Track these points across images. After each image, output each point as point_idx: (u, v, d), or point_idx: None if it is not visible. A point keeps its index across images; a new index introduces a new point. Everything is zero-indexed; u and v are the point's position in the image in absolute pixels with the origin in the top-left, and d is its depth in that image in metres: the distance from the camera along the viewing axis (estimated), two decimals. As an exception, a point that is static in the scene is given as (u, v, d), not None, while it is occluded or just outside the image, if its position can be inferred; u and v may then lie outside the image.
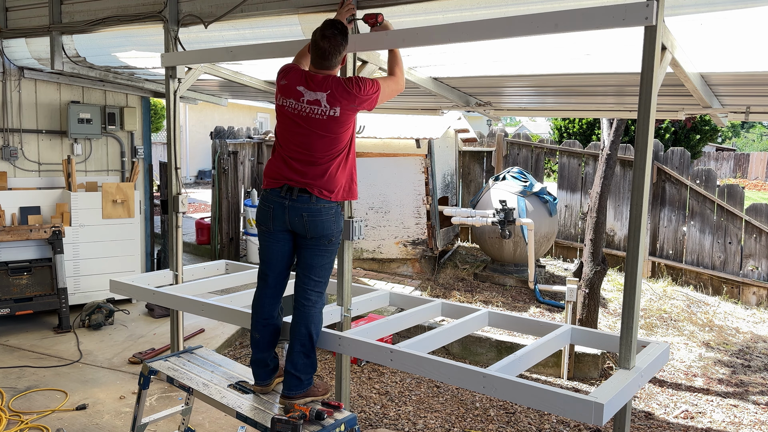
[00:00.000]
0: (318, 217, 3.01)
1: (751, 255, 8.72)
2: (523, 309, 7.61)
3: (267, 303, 3.16)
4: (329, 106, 2.95)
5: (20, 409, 4.44)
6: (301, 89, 2.99)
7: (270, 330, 3.17)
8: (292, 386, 3.02)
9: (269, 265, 3.16)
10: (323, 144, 2.99)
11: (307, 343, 3.06)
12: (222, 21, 4.24)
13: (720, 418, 5.22)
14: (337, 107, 2.95)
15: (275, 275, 3.15)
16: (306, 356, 3.06)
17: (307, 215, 3.00)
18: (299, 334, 3.06)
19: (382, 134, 8.42)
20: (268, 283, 3.16)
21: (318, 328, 3.13)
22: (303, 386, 3.04)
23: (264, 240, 3.16)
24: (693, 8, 2.76)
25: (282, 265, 3.15)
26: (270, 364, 3.18)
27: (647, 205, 2.72)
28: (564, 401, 2.44)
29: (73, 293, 6.56)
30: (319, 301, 3.13)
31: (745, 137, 47.49)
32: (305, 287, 3.09)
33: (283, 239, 3.11)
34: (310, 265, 3.08)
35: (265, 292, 3.17)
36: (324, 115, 2.96)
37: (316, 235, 3.03)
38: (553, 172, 13.69)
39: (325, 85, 2.97)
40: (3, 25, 5.97)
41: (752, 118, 5.64)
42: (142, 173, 7.55)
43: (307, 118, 2.98)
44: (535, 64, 4.28)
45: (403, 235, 8.32)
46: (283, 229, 3.08)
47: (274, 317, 3.18)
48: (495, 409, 4.98)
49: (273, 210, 3.06)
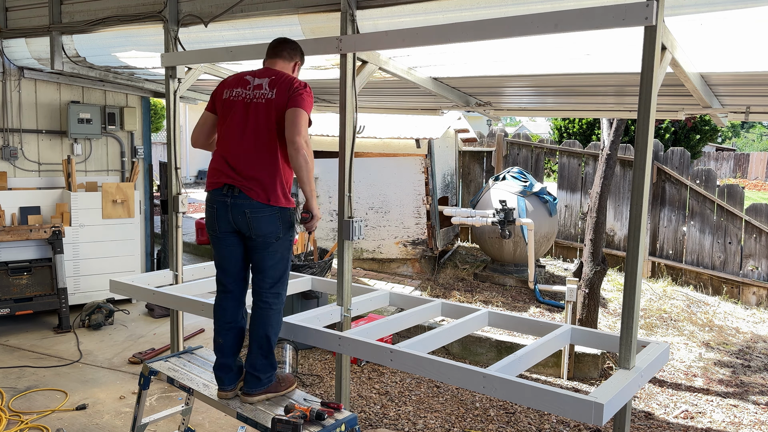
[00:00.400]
0: (261, 214, 2.95)
1: (751, 255, 8.72)
2: (523, 309, 7.61)
3: (227, 307, 3.13)
4: (269, 89, 3.01)
5: (20, 409, 4.44)
6: (248, 78, 3.09)
7: (233, 334, 3.13)
8: (252, 385, 3.05)
9: (224, 271, 3.13)
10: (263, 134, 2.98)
11: (265, 345, 3.06)
12: (222, 21, 4.25)
13: (720, 418, 5.22)
14: (274, 89, 3.00)
15: (232, 280, 3.13)
16: (264, 357, 3.06)
17: (250, 212, 2.95)
18: (257, 336, 3.05)
19: (382, 134, 8.42)
20: (226, 288, 3.14)
21: (276, 330, 3.10)
22: (262, 384, 3.07)
23: (214, 245, 3.13)
24: (693, 8, 2.77)
25: (236, 268, 3.11)
26: (234, 369, 3.12)
27: (647, 205, 2.72)
28: (564, 401, 2.44)
29: (73, 293, 6.56)
30: (276, 303, 3.08)
31: (745, 137, 47.49)
32: (260, 290, 3.06)
33: (232, 242, 3.06)
34: (260, 268, 3.04)
35: (223, 296, 3.14)
36: (263, 98, 3.00)
37: (260, 233, 2.97)
38: (553, 172, 13.69)
39: (269, 72, 3.09)
40: (3, 25, 5.97)
41: (752, 118, 5.65)
42: (142, 173, 7.55)
43: (251, 104, 3.01)
44: (535, 64, 4.28)
45: (403, 235, 8.32)
46: (230, 230, 3.04)
47: (237, 320, 3.14)
48: (495, 409, 4.98)
49: (217, 210, 3.03)
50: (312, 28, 3.90)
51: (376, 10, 3.52)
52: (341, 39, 3.46)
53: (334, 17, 3.66)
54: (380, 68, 3.92)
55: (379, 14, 3.54)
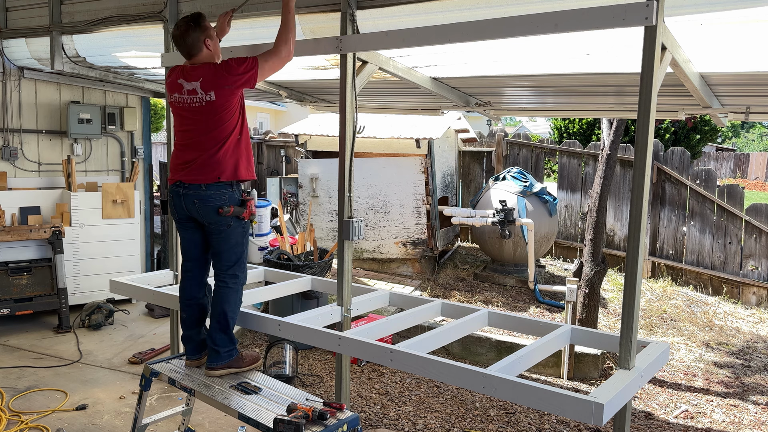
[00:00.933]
0: (209, 203, 3.18)
1: (751, 255, 8.72)
2: (523, 309, 7.61)
3: (188, 286, 3.42)
4: (204, 92, 3.13)
5: (20, 409, 4.44)
6: (181, 82, 3.21)
7: (194, 309, 3.42)
8: (213, 358, 3.29)
9: (185, 253, 3.43)
10: (207, 130, 3.16)
11: (222, 320, 3.28)
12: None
13: (720, 418, 5.22)
14: (212, 92, 3.13)
15: (192, 262, 3.41)
16: (222, 332, 3.27)
17: (198, 201, 3.19)
18: (215, 312, 3.30)
19: (382, 134, 8.42)
20: (186, 268, 3.43)
21: (233, 307, 3.31)
22: (222, 359, 3.28)
23: (178, 230, 3.46)
24: (693, 8, 2.77)
25: (195, 252, 3.39)
26: (196, 340, 3.41)
27: (647, 205, 2.72)
28: (564, 401, 2.44)
29: (73, 293, 6.56)
30: (232, 281, 3.30)
31: (745, 137, 47.50)
32: (218, 271, 3.32)
33: (191, 228, 3.33)
34: (217, 252, 3.31)
35: (185, 276, 3.44)
36: (202, 102, 3.15)
37: (211, 221, 3.22)
38: (553, 172, 13.68)
39: (197, 74, 3.15)
40: (3, 25, 5.97)
41: (752, 118, 5.65)
42: (142, 173, 7.55)
43: (190, 108, 3.18)
44: (535, 64, 4.28)
45: (403, 235, 8.32)
46: (186, 217, 3.30)
47: (198, 298, 3.43)
48: (495, 409, 4.98)
49: (173, 200, 3.29)
50: (312, 28, 3.90)
51: (376, 10, 3.52)
52: (341, 39, 3.46)
53: (334, 17, 3.66)
54: (380, 68, 3.92)
55: (379, 14, 3.54)
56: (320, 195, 8.57)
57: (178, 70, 3.25)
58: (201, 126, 3.17)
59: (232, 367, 3.30)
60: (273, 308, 5.92)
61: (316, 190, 8.58)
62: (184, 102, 3.19)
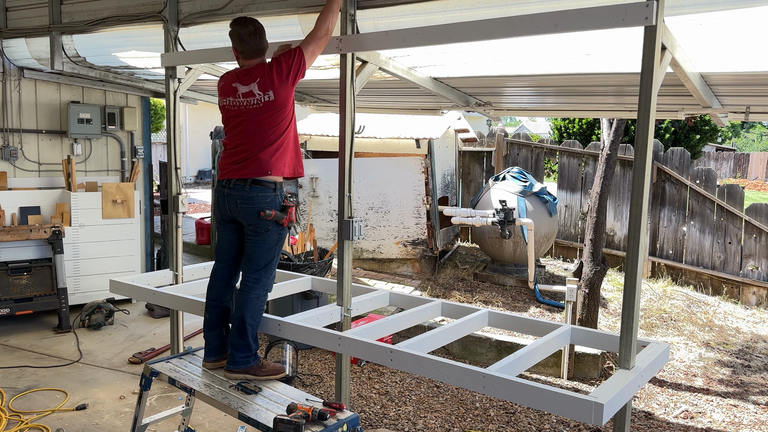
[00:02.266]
0: (250, 205, 3.20)
1: (751, 255, 8.72)
2: (523, 309, 7.61)
3: (215, 287, 3.41)
4: (262, 93, 3.18)
5: (20, 409, 4.44)
6: (236, 85, 3.25)
7: (217, 312, 3.41)
8: (230, 361, 3.29)
9: (219, 253, 3.44)
10: (263, 129, 3.20)
11: (241, 326, 3.27)
12: (222, 21, 4.24)
13: (720, 418, 5.22)
14: (270, 91, 3.18)
15: (223, 263, 3.41)
16: (240, 337, 3.27)
17: (241, 202, 3.21)
18: (235, 317, 3.30)
19: (382, 134, 8.42)
20: (216, 269, 3.43)
21: (253, 314, 3.29)
22: (238, 364, 3.26)
23: (217, 230, 3.47)
24: (693, 8, 2.77)
25: (229, 253, 3.39)
26: (213, 342, 3.41)
27: (647, 205, 2.72)
28: (564, 401, 2.44)
29: (73, 293, 6.56)
30: (256, 288, 3.29)
31: (745, 137, 47.49)
32: (245, 273, 3.32)
33: (230, 229, 3.36)
34: (248, 254, 3.31)
35: (214, 276, 3.43)
36: (260, 102, 3.19)
37: (251, 222, 3.23)
38: (553, 172, 13.68)
39: (254, 75, 3.21)
40: (3, 25, 5.97)
41: (752, 118, 5.64)
42: (142, 173, 7.55)
43: (246, 111, 3.21)
44: (535, 64, 4.28)
45: (403, 235, 8.32)
46: (228, 219, 3.33)
47: (224, 301, 3.42)
48: (495, 409, 4.98)
49: (218, 199, 3.33)
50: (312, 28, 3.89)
51: (376, 10, 3.52)
52: (341, 39, 3.46)
53: (334, 17, 3.66)
54: (380, 68, 3.92)
55: (379, 14, 3.54)
56: (320, 195, 8.57)
57: (232, 74, 3.30)
58: (256, 126, 3.21)
59: (248, 374, 3.27)
60: (273, 308, 5.92)
61: (316, 190, 8.59)
62: (240, 105, 3.23)
